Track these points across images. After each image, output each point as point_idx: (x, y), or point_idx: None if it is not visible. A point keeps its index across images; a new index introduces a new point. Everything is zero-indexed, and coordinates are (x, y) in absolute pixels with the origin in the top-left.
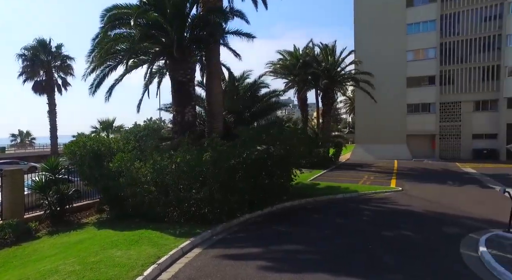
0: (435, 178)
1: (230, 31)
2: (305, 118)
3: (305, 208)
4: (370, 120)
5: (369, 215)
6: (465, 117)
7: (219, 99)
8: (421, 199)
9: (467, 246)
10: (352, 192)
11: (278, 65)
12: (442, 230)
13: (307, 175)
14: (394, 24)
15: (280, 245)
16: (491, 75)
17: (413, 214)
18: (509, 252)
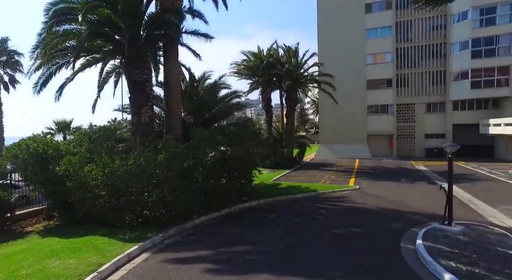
0: (391, 176)
1: (187, 31)
2: (269, 118)
3: (263, 208)
4: (333, 121)
5: (323, 213)
6: (419, 118)
7: (178, 100)
8: (375, 196)
9: (407, 240)
10: (311, 191)
11: (242, 66)
12: (389, 226)
13: (271, 175)
14: (355, 29)
15: (231, 246)
16: (439, 79)
17: (365, 211)
18: (440, 242)
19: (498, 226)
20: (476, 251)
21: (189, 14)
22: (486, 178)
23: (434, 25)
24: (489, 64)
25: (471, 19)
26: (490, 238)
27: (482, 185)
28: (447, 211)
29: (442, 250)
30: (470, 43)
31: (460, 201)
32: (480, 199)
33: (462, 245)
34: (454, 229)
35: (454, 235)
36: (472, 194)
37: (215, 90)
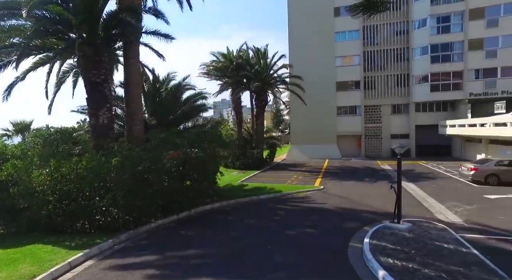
0: (356, 176)
1: (147, 31)
2: (239, 119)
3: (224, 210)
4: (304, 122)
5: (282, 214)
6: (385, 119)
7: (138, 101)
8: (337, 196)
9: (357, 239)
10: (276, 192)
11: (211, 67)
12: (343, 225)
13: (240, 176)
14: (324, 32)
15: (180, 250)
16: (403, 82)
17: (324, 211)
18: (386, 240)
19: (442, 222)
20: (416, 247)
21: (150, 14)
22: (442, 177)
23: (398, 30)
24: (445, 69)
25: (430, 26)
26: (432, 233)
27: (437, 183)
28: (396, 209)
29: (386, 248)
30: (429, 49)
31: (415, 199)
32: (432, 196)
33: (405, 242)
34: (401, 227)
35: (401, 233)
36: (426, 192)
37: (179, 91)
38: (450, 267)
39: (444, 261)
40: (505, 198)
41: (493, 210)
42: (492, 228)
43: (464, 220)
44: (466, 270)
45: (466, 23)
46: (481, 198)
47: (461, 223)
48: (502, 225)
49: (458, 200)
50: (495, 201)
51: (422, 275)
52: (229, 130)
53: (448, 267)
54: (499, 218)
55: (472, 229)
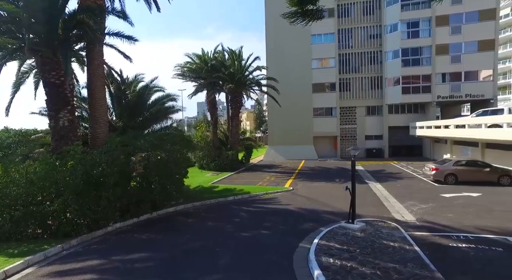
0: (327, 176)
1: (110, 33)
2: (215, 121)
3: (187, 212)
4: (281, 123)
5: (244, 216)
6: (359, 120)
7: (102, 103)
8: (304, 197)
9: (308, 240)
10: (244, 194)
11: (186, 68)
12: (300, 226)
13: (213, 178)
14: (301, 34)
15: (128, 254)
16: (377, 84)
17: (286, 212)
18: (335, 240)
19: (397, 221)
20: (363, 246)
21: (114, 15)
22: (408, 176)
23: (372, 34)
24: (415, 72)
25: (400, 30)
26: (383, 232)
27: (402, 183)
28: (351, 210)
29: (332, 248)
30: (400, 52)
31: (378, 199)
32: (395, 196)
33: (353, 241)
34: (354, 227)
35: (353, 232)
36: (390, 192)
37: (147, 93)
38: (388, 264)
39: (384, 259)
40: (459, 196)
41: (445, 208)
42: (439, 226)
43: (417, 219)
44: (402, 266)
45: (433, 29)
46: (438, 197)
47: (413, 221)
48: (449, 222)
49: (417, 199)
50: (449, 200)
51: (357, 273)
52: (205, 132)
53: (386, 264)
54: (448, 216)
55: (422, 227)
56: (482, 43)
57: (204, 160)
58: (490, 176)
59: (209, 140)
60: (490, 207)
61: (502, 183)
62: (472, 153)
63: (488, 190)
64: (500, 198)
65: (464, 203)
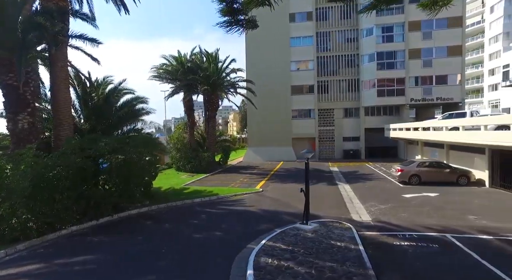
0: (301, 178)
1: (73, 35)
2: (191, 123)
3: (149, 215)
4: (260, 124)
5: (204, 218)
6: (337, 122)
7: (66, 106)
8: (270, 199)
9: (257, 241)
10: (212, 195)
11: (162, 70)
12: (256, 228)
13: (187, 179)
14: (280, 37)
15: (72, 257)
16: (354, 87)
17: (247, 214)
18: (283, 241)
19: (353, 221)
20: (308, 246)
21: (77, 17)
22: (378, 178)
23: (349, 38)
24: (390, 75)
25: (375, 35)
26: (334, 233)
27: (370, 184)
28: (305, 211)
29: (277, 248)
30: (376, 56)
31: (343, 200)
32: (359, 197)
33: (301, 242)
34: (307, 228)
35: (304, 233)
36: (356, 193)
37: (117, 96)
38: (326, 264)
39: (325, 258)
40: (418, 196)
41: (402, 208)
42: (391, 225)
43: (372, 219)
44: (339, 265)
45: (406, 34)
46: (399, 197)
47: (368, 221)
48: (400, 221)
49: (378, 200)
50: (408, 200)
51: (290, 273)
52: (182, 133)
53: (325, 263)
54: (402, 216)
55: (374, 227)
56: (450, 48)
57: (181, 161)
58: (450, 177)
59: (186, 142)
60: (441, 206)
61: (460, 183)
62: (439, 154)
63: (446, 190)
64: (454, 197)
65: (420, 203)
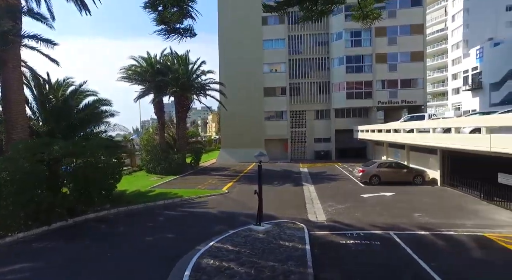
0: (269, 179)
1: (26, 35)
2: (162, 124)
3: (106, 218)
4: (234, 126)
5: (161, 220)
6: (309, 124)
7: (19, 108)
8: (234, 200)
9: (207, 243)
10: (176, 198)
11: (130, 71)
12: (210, 230)
13: (155, 181)
14: (253, 39)
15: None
16: (325, 89)
17: (206, 216)
18: (232, 242)
19: (308, 221)
20: (256, 247)
21: (29, 17)
22: (343, 178)
23: (320, 41)
24: (358, 78)
25: (344, 39)
26: (286, 233)
27: (334, 184)
28: (258, 212)
29: (223, 250)
30: (345, 60)
31: (303, 200)
32: (320, 197)
33: (250, 243)
34: (259, 229)
35: (256, 234)
36: (318, 194)
37: (77, 97)
38: (268, 263)
39: (269, 259)
40: (375, 196)
41: (357, 207)
42: (343, 224)
43: (327, 219)
44: (281, 264)
45: (373, 39)
46: (357, 197)
47: (323, 221)
48: (352, 221)
49: (338, 200)
50: (365, 200)
51: (229, 273)
52: (152, 135)
53: (267, 263)
54: (355, 215)
55: (327, 226)
56: (413, 54)
57: (151, 164)
58: (407, 176)
59: (156, 144)
60: (393, 205)
61: (416, 182)
62: (401, 155)
63: (401, 189)
64: (406, 196)
65: (376, 202)
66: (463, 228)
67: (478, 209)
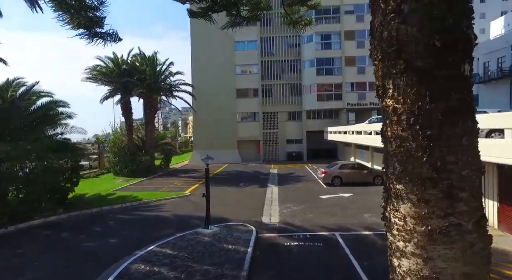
0: (237, 180)
1: None
2: (129, 126)
3: (54, 224)
4: (206, 127)
5: (111, 225)
6: (281, 125)
7: None
8: (193, 203)
9: (147, 246)
10: (135, 201)
11: (95, 72)
12: (156, 234)
13: (120, 184)
14: (225, 40)
15: None
16: (297, 91)
17: (158, 219)
18: (171, 246)
19: (260, 223)
20: (196, 251)
21: None
22: (309, 179)
23: (291, 43)
24: (328, 80)
25: (315, 41)
26: (233, 236)
27: (298, 186)
28: (206, 215)
29: (159, 254)
30: (315, 62)
31: (263, 202)
32: (281, 199)
33: (191, 246)
34: (206, 231)
35: (201, 237)
36: (280, 195)
37: (28, 99)
38: (203, 267)
39: (205, 262)
40: (333, 197)
41: (313, 209)
42: (293, 226)
43: (279, 221)
44: (215, 268)
45: (343, 42)
46: (316, 198)
47: (275, 223)
48: (303, 222)
49: (297, 202)
50: (323, 201)
51: (157, 277)
52: (120, 137)
53: (202, 267)
54: (307, 217)
55: (277, 228)
56: None
57: (118, 166)
58: (368, 177)
59: (124, 145)
60: (347, 206)
61: (376, 183)
62: (366, 156)
63: (360, 190)
64: (364, 197)
65: (332, 203)
66: None
67: None
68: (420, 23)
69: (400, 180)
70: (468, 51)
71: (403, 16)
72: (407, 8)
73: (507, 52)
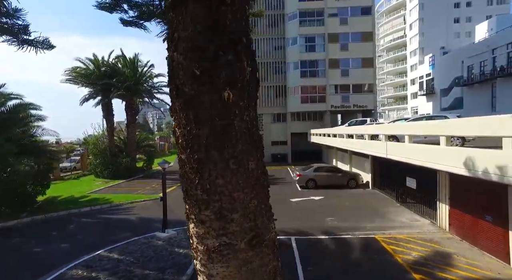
0: None
1: None
2: (110, 128)
3: (12, 228)
4: None
5: (70, 229)
6: (266, 127)
7: None
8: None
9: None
10: (105, 204)
11: (75, 73)
12: (112, 237)
13: (97, 186)
14: None
15: None
16: (281, 93)
17: (121, 223)
18: (122, 250)
19: None
20: (145, 255)
21: None
22: (286, 182)
23: (276, 46)
24: (312, 83)
25: (299, 44)
26: (188, 240)
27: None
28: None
29: (104, 258)
30: (300, 64)
31: None
32: None
33: (140, 251)
34: (162, 235)
35: (156, 241)
36: None
37: None
38: (144, 272)
39: (148, 267)
40: (303, 200)
41: (279, 213)
42: None
43: None
44: (156, 272)
45: (326, 44)
46: (286, 202)
47: None
48: None
49: None
50: (292, 204)
51: None
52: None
53: (143, 271)
54: None
55: None
56: (364, 60)
57: (99, 168)
58: (342, 180)
59: (104, 147)
60: (315, 209)
61: (350, 186)
62: (346, 159)
63: (333, 193)
64: (334, 200)
65: (300, 207)
66: (361, 231)
67: (389, 211)
68: (185, 52)
69: (186, 201)
70: (232, 79)
71: (175, 43)
72: (177, 37)
73: (489, 56)
